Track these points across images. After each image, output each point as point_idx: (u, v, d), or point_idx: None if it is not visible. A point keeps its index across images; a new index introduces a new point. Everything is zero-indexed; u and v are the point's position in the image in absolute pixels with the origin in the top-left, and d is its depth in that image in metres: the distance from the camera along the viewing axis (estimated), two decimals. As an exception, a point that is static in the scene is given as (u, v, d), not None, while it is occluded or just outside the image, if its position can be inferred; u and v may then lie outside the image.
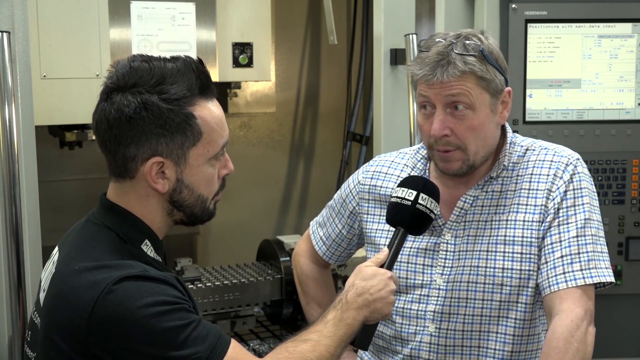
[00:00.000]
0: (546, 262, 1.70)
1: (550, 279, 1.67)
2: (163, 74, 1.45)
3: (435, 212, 1.68)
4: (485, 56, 1.67)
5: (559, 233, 1.70)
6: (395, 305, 1.82)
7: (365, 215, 1.93)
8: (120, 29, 2.72)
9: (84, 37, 2.65)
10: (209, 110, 1.49)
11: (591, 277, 1.66)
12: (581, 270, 1.66)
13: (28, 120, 2.27)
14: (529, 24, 2.68)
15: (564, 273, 1.66)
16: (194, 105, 1.47)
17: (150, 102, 1.42)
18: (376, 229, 1.90)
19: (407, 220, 1.65)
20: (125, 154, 1.45)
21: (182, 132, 1.45)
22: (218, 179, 1.56)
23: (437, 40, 1.69)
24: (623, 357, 2.77)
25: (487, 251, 1.75)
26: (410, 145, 2.65)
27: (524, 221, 1.74)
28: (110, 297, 1.35)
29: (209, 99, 1.50)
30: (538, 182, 1.75)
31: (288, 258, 2.96)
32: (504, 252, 1.74)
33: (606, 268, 1.69)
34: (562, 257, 1.68)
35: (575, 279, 1.65)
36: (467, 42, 1.67)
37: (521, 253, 1.73)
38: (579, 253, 1.68)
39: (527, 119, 2.71)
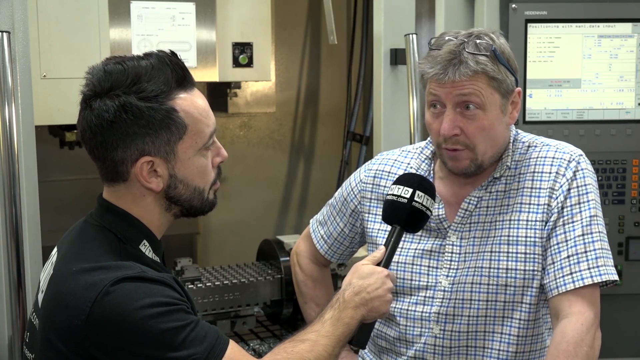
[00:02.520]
0: (553, 263, 1.69)
1: (558, 280, 1.66)
2: (137, 73, 1.43)
3: (432, 209, 1.67)
4: (497, 56, 1.66)
5: (565, 232, 1.69)
6: (399, 307, 1.82)
7: (367, 215, 1.92)
8: (120, 29, 2.72)
9: (84, 37, 2.65)
10: (190, 101, 1.48)
11: (599, 275, 1.65)
12: (589, 269, 1.65)
13: (28, 120, 2.27)
14: (529, 24, 2.68)
15: (571, 273, 1.66)
16: (174, 99, 1.46)
17: (128, 103, 1.41)
18: (378, 229, 1.89)
19: (404, 218, 1.64)
20: (114, 159, 1.45)
21: (166, 128, 1.45)
22: (213, 168, 1.55)
23: (447, 38, 1.68)
24: (623, 357, 2.77)
25: (491, 252, 1.74)
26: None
27: (527, 221, 1.73)
28: (107, 298, 1.35)
29: (188, 90, 1.49)
30: (540, 180, 1.74)
31: (288, 258, 2.96)
32: (508, 252, 1.73)
33: (612, 266, 1.68)
34: (568, 257, 1.67)
35: (582, 279, 1.65)
36: (479, 41, 1.66)
37: (525, 253, 1.72)
38: (585, 252, 1.67)
39: (527, 119, 2.71)
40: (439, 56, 1.65)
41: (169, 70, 1.46)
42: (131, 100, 1.42)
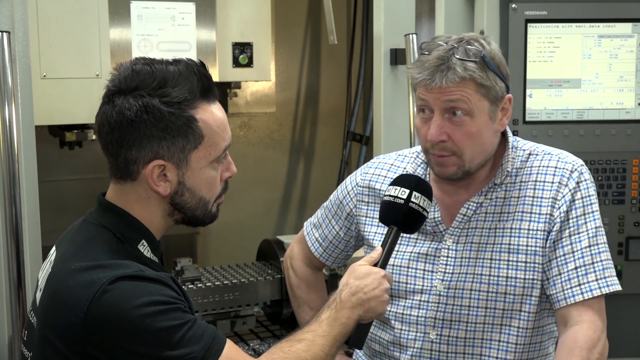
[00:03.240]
0: (559, 274, 1.68)
1: (566, 291, 1.66)
2: (165, 77, 1.45)
3: (429, 210, 1.67)
4: (487, 62, 1.65)
5: (571, 244, 1.69)
6: (394, 310, 1.81)
7: (364, 218, 1.92)
8: (120, 29, 2.72)
9: (84, 37, 2.65)
10: (211, 113, 1.50)
11: (607, 286, 1.66)
12: (596, 280, 1.66)
13: (28, 120, 2.27)
14: (529, 24, 2.68)
15: (580, 285, 1.66)
16: (196, 108, 1.47)
17: (151, 105, 1.43)
18: (375, 232, 1.89)
19: (401, 218, 1.64)
20: (127, 157, 1.46)
21: (184, 135, 1.46)
22: (220, 182, 1.56)
23: (438, 43, 1.67)
24: (623, 357, 2.77)
25: (491, 259, 1.74)
26: (410, 146, 2.65)
27: (528, 230, 1.73)
28: (105, 296, 1.35)
29: (211, 102, 1.51)
30: (542, 189, 1.74)
31: (287, 258, 2.96)
32: (508, 260, 1.73)
33: (615, 276, 1.69)
34: (576, 268, 1.67)
35: (591, 290, 1.65)
36: (469, 47, 1.65)
37: (525, 262, 1.72)
38: (593, 263, 1.67)
39: (527, 119, 2.71)
40: (427, 61, 1.64)
41: (196, 80, 1.47)
42: (154, 103, 1.43)
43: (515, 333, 1.73)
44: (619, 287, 1.68)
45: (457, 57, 1.63)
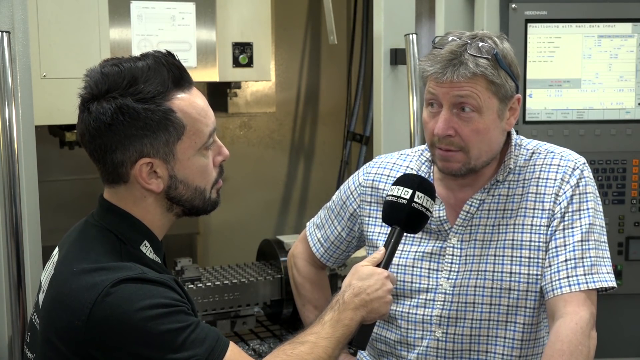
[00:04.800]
0: (550, 266, 1.69)
1: (554, 283, 1.67)
2: (134, 74, 1.43)
3: (432, 210, 1.67)
4: (499, 60, 1.66)
5: (564, 237, 1.70)
6: (400, 309, 1.82)
7: (367, 218, 1.92)
8: (120, 29, 2.72)
9: (84, 37, 2.65)
10: (188, 101, 1.48)
11: (594, 282, 1.66)
12: (584, 274, 1.66)
13: (28, 120, 2.27)
14: (529, 24, 2.68)
15: (568, 277, 1.66)
16: (171, 99, 1.45)
17: (125, 105, 1.41)
18: (378, 232, 1.89)
19: (403, 219, 1.64)
20: (114, 161, 1.45)
21: (164, 128, 1.44)
22: (214, 167, 1.55)
23: (451, 38, 1.68)
24: (623, 357, 2.77)
25: (495, 255, 1.74)
26: (411, 146, 2.65)
27: (532, 225, 1.73)
28: (108, 299, 1.35)
29: (186, 90, 1.49)
30: (545, 186, 1.75)
31: (288, 258, 2.96)
32: (512, 256, 1.73)
33: (608, 273, 1.69)
34: (566, 261, 1.68)
35: (578, 284, 1.66)
36: (482, 44, 1.65)
37: (529, 257, 1.72)
38: (582, 257, 1.68)
39: (527, 119, 2.71)
40: (440, 55, 1.65)
41: (165, 71, 1.45)
42: (127, 103, 1.41)
43: (521, 329, 1.74)
44: (608, 284, 1.68)
45: (470, 52, 1.64)
